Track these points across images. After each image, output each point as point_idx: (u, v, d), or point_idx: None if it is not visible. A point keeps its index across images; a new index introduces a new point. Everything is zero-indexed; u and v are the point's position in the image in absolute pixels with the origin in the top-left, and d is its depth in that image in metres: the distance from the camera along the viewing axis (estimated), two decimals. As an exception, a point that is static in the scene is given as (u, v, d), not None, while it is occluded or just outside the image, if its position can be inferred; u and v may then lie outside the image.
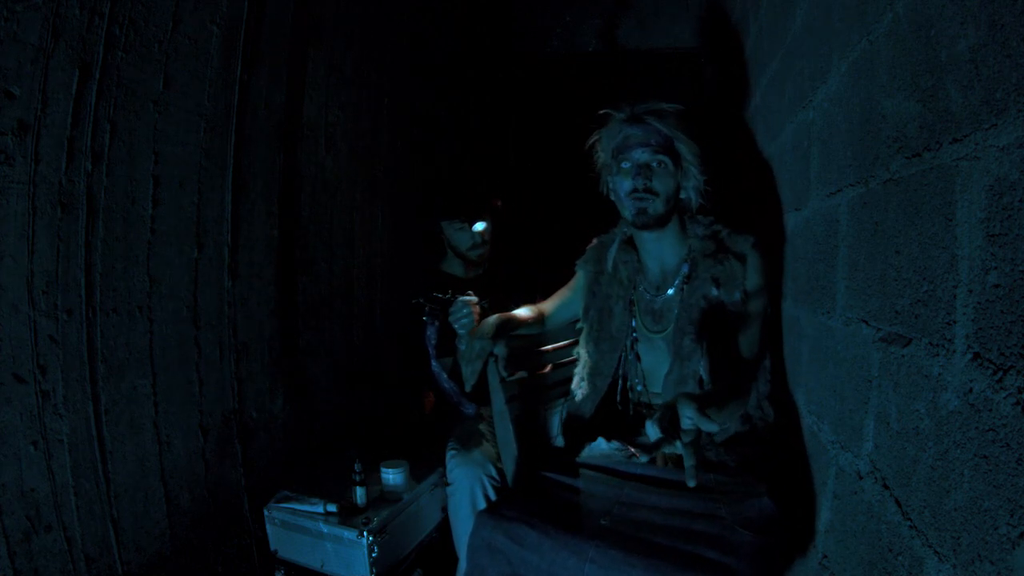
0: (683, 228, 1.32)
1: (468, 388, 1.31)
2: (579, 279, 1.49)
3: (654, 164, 1.24)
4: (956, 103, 0.61)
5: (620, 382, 1.38)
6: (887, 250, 0.79)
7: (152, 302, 1.33)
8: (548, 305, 1.54)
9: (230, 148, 1.52)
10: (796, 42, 1.26)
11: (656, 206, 1.25)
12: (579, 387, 1.43)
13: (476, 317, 1.59)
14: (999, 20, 0.53)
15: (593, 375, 1.40)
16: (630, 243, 1.40)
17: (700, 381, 1.22)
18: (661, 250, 1.33)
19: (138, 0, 1.23)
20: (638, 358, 1.35)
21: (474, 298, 1.61)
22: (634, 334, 1.35)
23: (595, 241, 1.49)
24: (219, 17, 1.45)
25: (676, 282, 1.30)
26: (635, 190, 1.24)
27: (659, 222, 1.27)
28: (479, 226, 1.97)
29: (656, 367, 1.33)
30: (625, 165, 1.27)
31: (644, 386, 1.35)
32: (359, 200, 2.09)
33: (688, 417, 0.87)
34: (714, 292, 1.21)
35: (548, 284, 1.66)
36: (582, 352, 1.45)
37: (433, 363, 1.92)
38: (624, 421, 1.39)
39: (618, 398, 1.39)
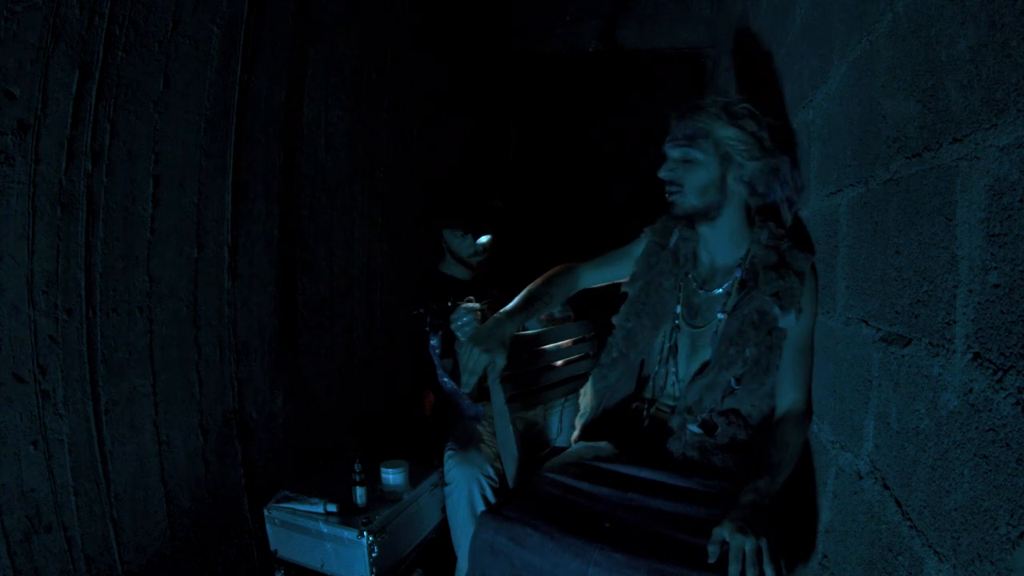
0: (746, 226, 1.26)
1: (465, 391, 1.30)
2: (640, 244, 1.43)
3: (678, 156, 1.22)
4: (956, 103, 0.61)
5: (657, 366, 1.34)
6: (887, 250, 0.79)
7: (152, 302, 1.33)
8: (585, 264, 1.45)
9: (230, 148, 1.52)
10: (796, 42, 1.26)
11: (684, 199, 1.21)
12: (608, 354, 1.38)
13: (478, 323, 1.59)
14: (999, 20, 0.53)
15: (627, 346, 1.35)
16: (692, 228, 1.34)
17: (726, 390, 1.20)
18: (713, 245, 1.28)
19: (138, 0, 1.23)
20: (675, 349, 1.31)
21: (476, 304, 1.61)
22: (677, 321, 1.31)
23: (667, 215, 1.44)
24: (219, 17, 1.45)
25: (726, 284, 1.25)
26: (664, 183, 1.24)
27: (695, 214, 1.22)
28: (483, 239, 1.97)
29: (684, 359, 1.30)
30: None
31: (677, 376, 1.31)
32: (359, 200, 2.09)
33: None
34: (776, 310, 1.15)
35: None
36: (618, 322, 1.39)
37: (439, 370, 1.92)
38: (639, 427, 1.35)
39: (633, 405, 1.37)
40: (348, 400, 2.04)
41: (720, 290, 1.26)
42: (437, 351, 1.89)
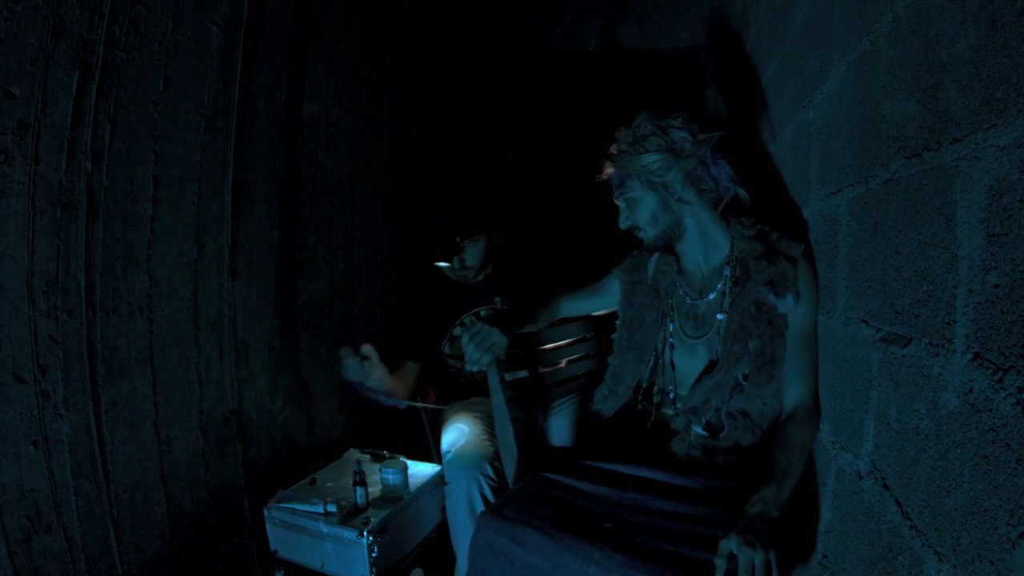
0: (721, 225, 1.27)
1: (471, 368, 1.31)
2: (612, 284, 1.48)
3: (622, 205, 1.29)
4: (956, 103, 0.61)
5: (645, 386, 1.36)
6: (887, 250, 0.79)
7: (152, 302, 1.33)
8: (565, 296, 1.54)
9: (230, 148, 1.52)
10: (796, 42, 1.26)
11: (646, 235, 1.28)
12: (603, 392, 1.42)
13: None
14: (999, 20, 0.53)
15: (616, 383, 1.39)
16: (671, 251, 1.36)
17: (734, 388, 1.20)
18: (696, 253, 1.29)
19: (138, 0, 1.23)
20: (672, 366, 1.32)
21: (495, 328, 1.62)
22: (670, 340, 1.33)
23: (636, 252, 1.46)
24: (219, 17, 1.45)
25: (719, 285, 1.26)
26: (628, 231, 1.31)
27: (662, 242, 1.28)
28: (471, 259, 1.91)
29: (688, 372, 1.30)
30: None
31: (676, 392, 1.32)
32: (359, 200, 2.09)
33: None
34: (771, 298, 1.15)
35: (565, 279, 1.66)
36: (611, 360, 1.44)
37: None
38: (643, 427, 1.36)
39: (639, 406, 1.38)
40: (348, 400, 2.04)
41: (714, 293, 1.26)
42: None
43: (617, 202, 1.30)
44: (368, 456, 1.82)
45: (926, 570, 0.66)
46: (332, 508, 1.51)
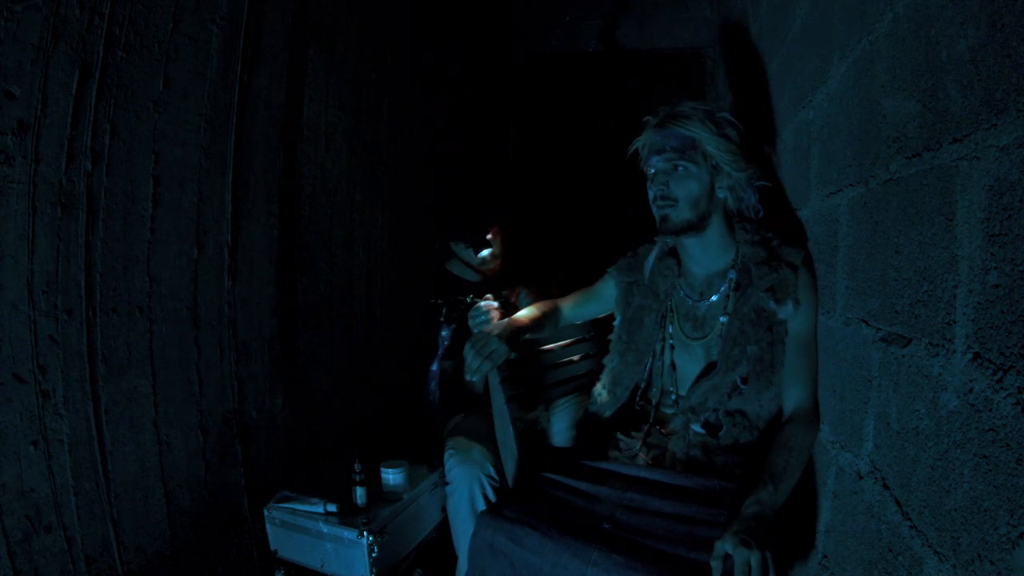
0: (730, 231, 1.27)
1: (475, 379, 1.30)
2: (608, 286, 1.47)
3: (670, 169, 1.20)
4: (956, 103, 0.61)
5: (643, 387, 1.36)
6: (887, 250, 0.79)
7: (152, 302, 1.33)
8: (565, 303, 1.52)
9: (230, 148, 1.52)
10: (796, 42, 1.26)
11: (679, 213, 1.20)
12: (600, 394, 1.42)
13: (495, 321, 1.62)
14: (999, 20, 0.53)
15: (614, 385, 1.39)
16: (672, 252, 1.36)
17: (732, 390, 1.20)
18: (705, 254, 1.28)
19: (138, 0, 1.23)
20: (673, 367, 1.32)
21: (495, 303, 1.62)
22: (670, 341, 1.32)
23: (631, 252, 1.46)
24: (219, 17, 1.45)
25: (723, 288, 1.26)
26: (655, 198, 1.22)
27: (689, 227, 1.21)
28: (484, 253, 1.94)
29: (687, 372, 1.30)
30: (649, 172, 1.24)
31: (677, 392, 1.32)
32: (359, 200, 2.09)
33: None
34: (772, 305, 1.16)
35: (566, 279, 1.65)
36: (608, 362, 1.43)
37: (435, 363, 1.91)
38: (643, 427, 1.36)
39: (637, 407, 1.38)
40: (348, 400, 2.04)
41: (717, 296, 1.26)
42: (446, 343, 1.88)
43: (661, 164, 1.21)
44: (368, 456, 1.82)
45: (926, 570, 0.66)
46: (332, 508, 1.51)
